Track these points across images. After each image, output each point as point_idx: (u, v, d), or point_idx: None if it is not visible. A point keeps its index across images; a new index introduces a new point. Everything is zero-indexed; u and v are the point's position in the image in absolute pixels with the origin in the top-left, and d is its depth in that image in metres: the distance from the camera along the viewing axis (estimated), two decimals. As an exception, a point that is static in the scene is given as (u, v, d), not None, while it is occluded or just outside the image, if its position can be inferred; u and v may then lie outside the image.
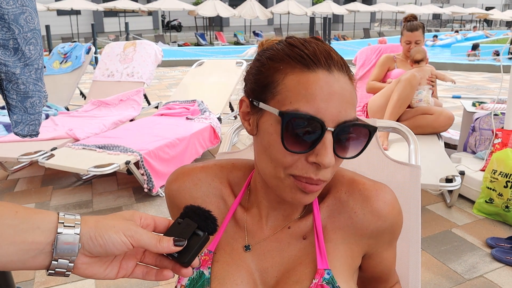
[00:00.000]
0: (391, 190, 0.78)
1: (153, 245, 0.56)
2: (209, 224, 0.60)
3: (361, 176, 0.80)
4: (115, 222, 0.56)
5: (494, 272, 2.25)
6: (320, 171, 0.66)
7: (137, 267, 0.61)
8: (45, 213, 0.53)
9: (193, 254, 0.59)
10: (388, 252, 0.83)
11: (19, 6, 1.07)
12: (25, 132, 1.26)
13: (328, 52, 0.66)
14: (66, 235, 0.52)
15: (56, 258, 0.52)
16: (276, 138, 0.65)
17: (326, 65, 0.65)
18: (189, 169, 0.85)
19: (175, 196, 0.83)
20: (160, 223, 0.61)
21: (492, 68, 10.29)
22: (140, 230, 0.56)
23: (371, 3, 29.62)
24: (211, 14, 18.95)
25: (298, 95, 0.63)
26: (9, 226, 0.50)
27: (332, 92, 0.63)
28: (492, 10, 25.55)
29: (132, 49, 5.07)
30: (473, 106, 3.81)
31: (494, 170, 2.80)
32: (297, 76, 0.64)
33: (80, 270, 0.55)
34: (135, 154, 3.09)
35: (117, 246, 0.54)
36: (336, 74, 0.65)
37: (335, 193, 0.78)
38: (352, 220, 0.76)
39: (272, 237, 0.78)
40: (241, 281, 0.75)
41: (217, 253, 0.79)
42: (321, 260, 0.73)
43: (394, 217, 0.76)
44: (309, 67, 0.64)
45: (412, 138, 1.36)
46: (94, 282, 2.20)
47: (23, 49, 1.12)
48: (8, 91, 1.17)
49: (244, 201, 0.82)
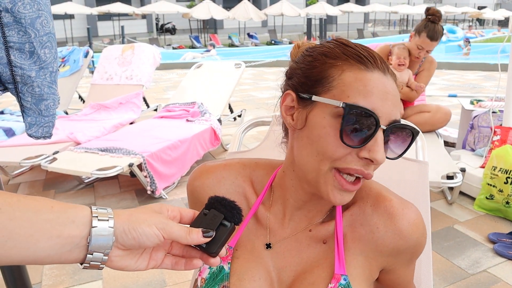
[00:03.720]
0: (417, 210, 0.77)
1: (183, 237, 0.58)
2: (235, 214, 0.62)
3: (389, 191, 0.79)
4: (146, 216, 0.57)
5: (497, 267, 2.28)
6: (370, 167, 0.68)
7: (166, 258, 0.62)
8: (79, 207, 0.54)
9: (220, 244, 0.60)
10: (407, 269, 0.82)
11: (35, 10, 1.08)
12: (39, 134, 1.27)
13: (379, 56, 0.70)
14: (100, 228, 0.53)
15: (91, 251, 0.53)
16: (329, 131, 0.66)
17: (382, 67, 0.68)
18: (212, 167, 0.86)
19: (198, 192, 0.85)
20: (186, 215, 0.63)
21: (487, 66, 10.37)
22: (170, 222, 0.58)
23: (364, 3, 29.78)
24: (205, 16, 18.97)
25: (356, 91, 0.65)
26: (46, 220, 0.51)
27: (387, 92, 0.67)
28: (484, 9, 25.76)
29: (131, 52, 5.08)
30: (471, 104, 3.85)
31: (494, 167, 2.83)
32: (354, 73, 0.67)
33: (113, 262, 0.57)
34: (138, 157, 3.10)
35: (150, 238, 0.56)
36: (389, 77, 0.69)
37: (361, 204, 0.78)
38: (373, 235, 0.75)
39: (293, 237, 0.80)
40: (259, 277, 0.77)
41: (238, 249, 0.80)
42: (339, 266, 0.74)
43: (417, 237, 0.75)
44: (367, 66, 0.67)
45: (419, 135, 1.39)
46: (102, 284, 2.21)
47: (39, 52, 1.13)
48: (23, 94, 1.18)
49: (266, 200, 0.83)
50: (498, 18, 24.84)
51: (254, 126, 1.47)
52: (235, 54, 15.24)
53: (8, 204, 0.50)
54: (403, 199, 0.77)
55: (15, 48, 1.09)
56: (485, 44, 15.11)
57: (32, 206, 0.51)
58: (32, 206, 0.51)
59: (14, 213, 0.50)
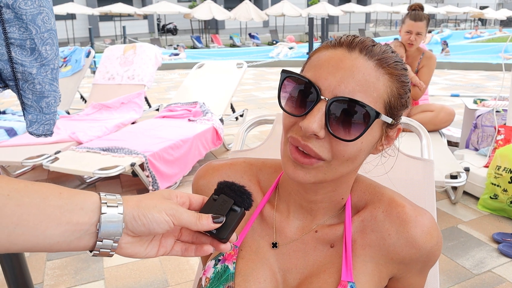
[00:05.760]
0: (432, 217, 0.74)
1: (193, 223, 0.56)
2: (245, 199, 0.61)
3: (402, 197, 0.76)
4: (156, 202, 0.56)
5: (502, 267, 2.26)
6: (311, 140, 0.64)
7: (176, 244, 0.61)
8: (87, 194, 0.53)
9: (231, 230, 0.59)
10: (418, 278, 0.79)
11: (36, 6, 1.07)
12: (40, 131, 1.26)
13: (364, 40, 0.67)
14: (110, 215, 0.52)
15: (101, 238, 0.52)
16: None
17: (348, 46, 0.66)
18: (218, 165, 0.85)
19: (203, 190, 0.84)
20: (195, 201, 0.61)
21: (489, 66, 10.35)
22: (180, 208, 0.57)
23: (366, 3, 29.73)
24: (207, 17, 18.96)
25: (309, 65, 0.68)
26: (56, 207, 0.50)
27: (340, 67, 0.64)
28: (486, 9, 25.71)
29: (132, 52, 5.07)
30: (474, 103, 3.83)
31: (498, 166, 2.81)
32: (319, 52, 0.69)
33: (123, 249, 0.55)
34: (140, 156, 3.09)
35: (160, 225, 0.55)
36: (355, 55, 0.64)
37: (372, 209, 0.75)
38: (385, 241, 0.73)
39: (299, 238, 0.78)
40: (264, 279, 0.75)
41: (243, 249, 0.79)
42: (346, 272, 0.72)
43: (431, 247, 0.72)
44: (331, 45, 0.68)
45: (424, 133, 1.37)
46: (104, 284, 2.20)
47: (40, 49, 1.12)
48: (24, 91, 1.17)
49: (272, 199, 0.82)
50: (500, 18, 24.80)
51: (257, 124, 1.46)
52: (236, 54, 15.23)
53: (16, 190, 0.49)
54: (416, 206, 0.75)
55: (16, 44, 1.08)
56: (488, 44, 15.06)
57: (40, 192, 0.50)
58: (40, 193, 0.50)
59: (23, 199, 0.48)
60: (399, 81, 0.67)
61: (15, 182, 0.49)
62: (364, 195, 0.78)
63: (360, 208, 0.77)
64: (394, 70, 0.66)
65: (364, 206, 0.77)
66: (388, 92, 0.65)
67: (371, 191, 0.78)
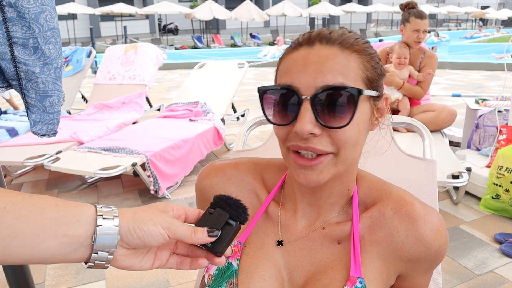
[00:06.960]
0: (440, 216, 0.74)
1: (188, 236, 0.57)
2: (240, 213, 0.61)
3: (411, 195, 0.76)
4: (151, 215, 0.56)
5: (504, 267, 2.26)
6: (310, 140, 0.64)
7: (171, 257, 0.61)
8: (84, 206, 0.54)
9: (226, 243, 0.59)
10: (424, 277, 0.79)
11: (39, 5, 1.07)
12: (44, 131, 1.26)
13: (320, 31, 0.68)
14: (105, 227, 0.52)
15: (96, 250, 0.52)
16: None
17: (308, 42, 0.68)
18: (222, 165, 0.85)
19: (207, 190, 0.83)
20: (191, 214, 0.62)
21: (491, 66, 10.33)
22: (176, 222, 0.57)
23: (367, 3, 29.73)
24: (208, 17, 18.95)
25: (279, 74, 0.69)
26: (52, 219, 0.50)
27: (308, 63, 0.65)
28: (487, 9, 25.66)
29: (133, 52, 5.07)
30: (476, 103, 3.83)
31: (500, 166, 2.81)
32: (284, 59, 0.70)
33: (118, 262, 0.56)
34: (141, 156, 3.08)
35: (155, 238, 0.55)
36: (317, 47, 0.66)
37: (381, 206, 0.75)
38: (393, 239, 0.73)
39: (306, 236, 0.78)
40: (269, 276, 0.75)
41: (247, 246, 0.78)
42: (354, 268, 0.71)
43: (439, 245, 0.72)
44: (294, 48, 0.69)
45: (427, 133, 1.37)
46: (105, 284, 2.20)
47: (43, 48, 1.12)
48: (27, 90, 1.17)
49: (278, 197, 0.81)
50: (501, 18, 24.77)
51: (259, 124, 1.45)
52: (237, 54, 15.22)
53: (13, 203, 0.49)
54: (425, 204, 0.75)
55: (19, 43, 1.08)
56: (489, 44, 15.04)
57: (37, 205, 0.50)
58: (37, 205, 0.50)
59: (20, 212, 0.49)
60: (367, 54, 0.68)
61: (12, 195, 0.50)
62: (371, 192, 0.78)
63: (368, 204, 0.77)
64: (359, 46, 0.68)
65: (372, 203, 0.77)
66: (362, 68, 0.67)
67: (378, 188, 0.78)
